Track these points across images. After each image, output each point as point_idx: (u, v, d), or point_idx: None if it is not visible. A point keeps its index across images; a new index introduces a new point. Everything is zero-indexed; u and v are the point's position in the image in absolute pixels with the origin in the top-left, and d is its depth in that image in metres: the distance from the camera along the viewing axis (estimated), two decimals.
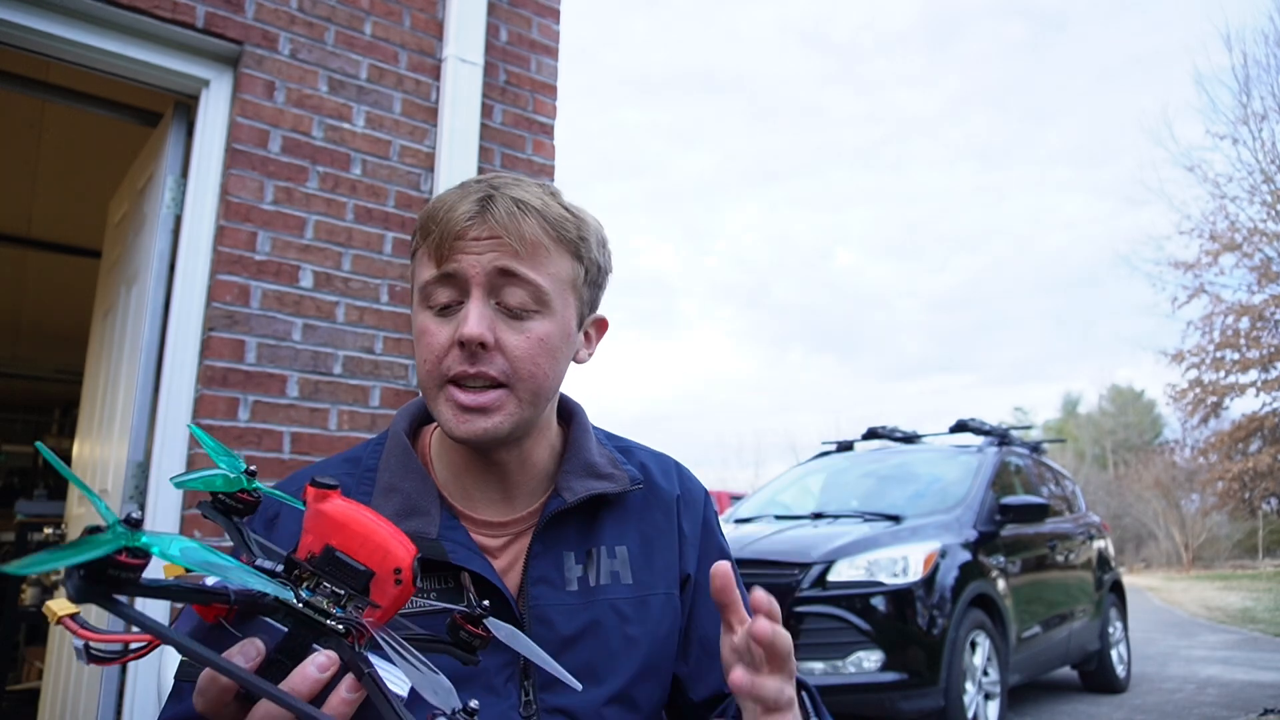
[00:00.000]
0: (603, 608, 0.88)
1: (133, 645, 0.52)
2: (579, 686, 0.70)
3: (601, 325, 0.96)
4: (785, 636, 0.69)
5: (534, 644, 0.67)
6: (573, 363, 0.91)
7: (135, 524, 0.46)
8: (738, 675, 0.69)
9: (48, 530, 3.25)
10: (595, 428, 1.00)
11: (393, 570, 0.55)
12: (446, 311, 0.83)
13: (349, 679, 0.52)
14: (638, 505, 0.95)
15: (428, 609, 0.65)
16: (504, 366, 0.82)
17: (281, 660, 0.52)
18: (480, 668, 0.80)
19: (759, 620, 0.67)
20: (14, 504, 5.23)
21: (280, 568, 0.55)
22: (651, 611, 0.91)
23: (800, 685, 0.80)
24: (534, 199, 0.84)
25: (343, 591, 0.54)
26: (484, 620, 0.61)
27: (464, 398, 0.81)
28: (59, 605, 0.48)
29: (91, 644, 0.50)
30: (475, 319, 0.80)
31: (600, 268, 0.92)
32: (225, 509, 0.58)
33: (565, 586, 0.88)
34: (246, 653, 0.51)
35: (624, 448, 1.01)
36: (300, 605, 0.52)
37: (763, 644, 0.67)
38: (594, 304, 0.93)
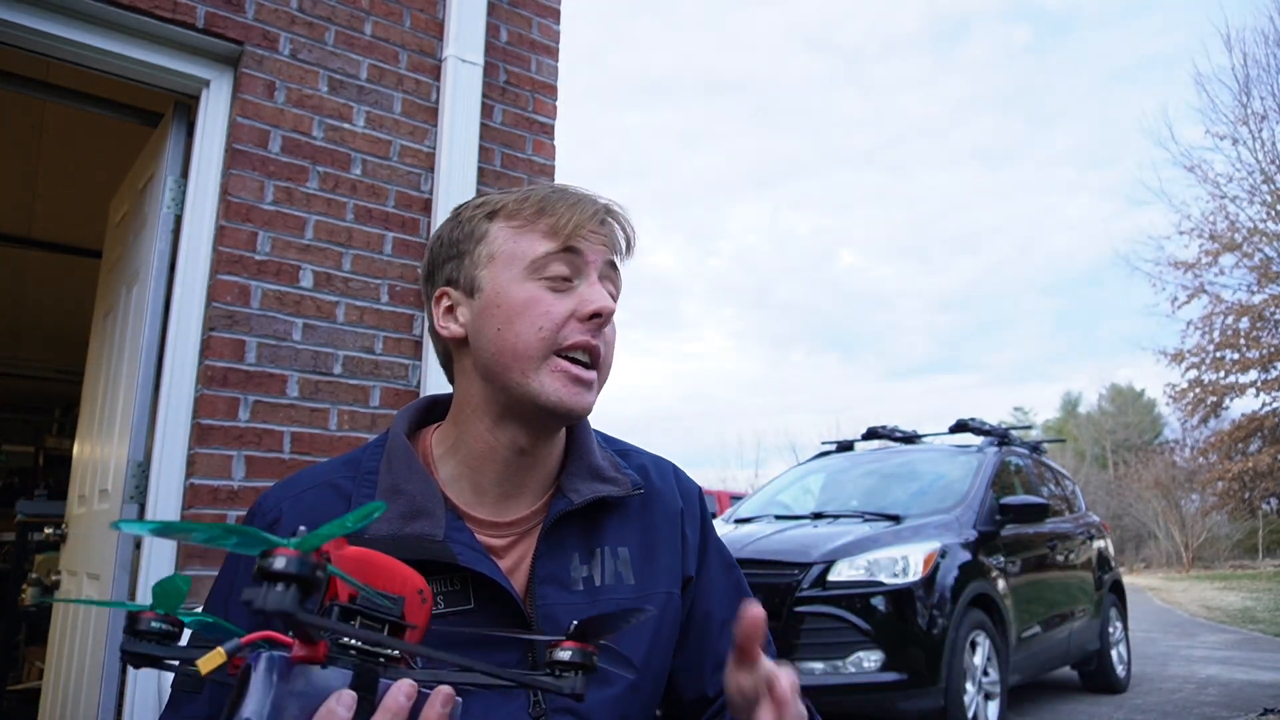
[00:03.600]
0: (607, 608, 0.88)
1: None
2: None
3: None
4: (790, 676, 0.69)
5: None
6: None
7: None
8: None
9: (48, 530, 3.24)
10: (595, 430, 1.01)
11: (416, 591, 0.60)
12: (562, 286, 0.87)
13: (443, 693, 0.55)
14: (637, 508, 0.96)
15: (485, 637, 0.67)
16: (605, 350, 0.89)
17: (364, 696, 0.54)
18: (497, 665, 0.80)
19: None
20: (14, 504, 5.23)
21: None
22: (652, 611, 0.91)
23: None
24: (631, 220, 0.94)
25: (379, 624, 0.57)
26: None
27: (579, 371, 0.86)
28: None
29: None
30: (606, 294, 0.88)
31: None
32: (162, 636, 0.55)
33: (572, 586, 0.88)
34: (345, 702, 0.53)
35: (622, 451, 1.02)
36: (364, 647, 0.55)
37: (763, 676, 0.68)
38: None
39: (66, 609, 2.76)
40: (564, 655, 0.58)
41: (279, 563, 0.47)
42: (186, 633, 0.58)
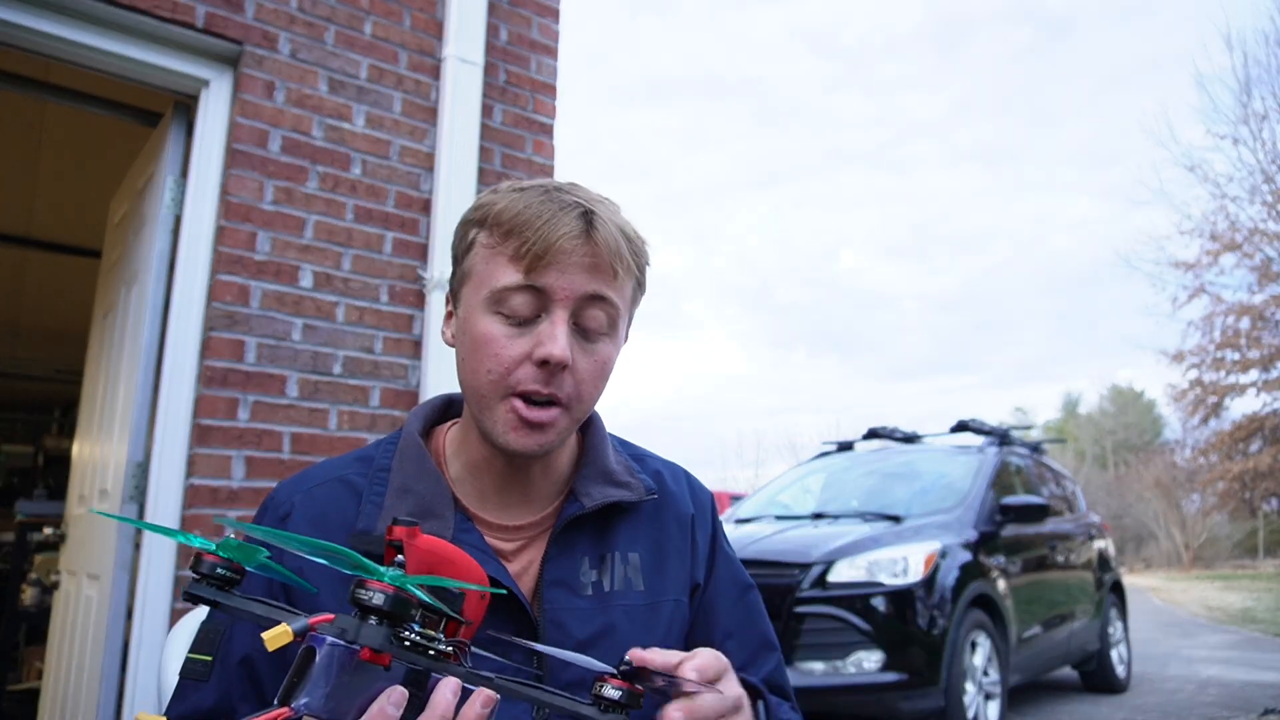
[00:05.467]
0: (616, 613, 0.88)
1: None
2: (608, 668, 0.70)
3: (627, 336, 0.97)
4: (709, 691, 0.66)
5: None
6: None
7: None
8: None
9: (48, 530, 3.24)
10: (610, 434, 1.00)
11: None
12: (522, 323, 0.81)
13: (484, 694, 0.56)
14: (650, 513, 0.95)
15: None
16: (571, 390, 0.82)
17: (414, 693, 0.55)
18: (496, 668, 0.79)
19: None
20: (14, 504, 5.23)
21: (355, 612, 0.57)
22: (662, 618, 0.91)
23: (754, 692, 0.81)
24: (625, 224, 0.85)
25: (438, 617, 0.58)
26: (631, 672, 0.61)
27: (529, 413, 0.81)
28: (150, 718, 0.50)
29: None
30: (564, 341, 0.80)
31: (645, 289, 0.93)
32: (224, 582, 0.55)
33: (581, 591, 0.87)
34: (396, 700, 0.54)
35: (637, 455, 1.01)
36: (419, 640, 0.55)
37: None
38: (633, 319, 0.94)
39: (66, 612, 2.76)
40: (613, 694, 0.59)
41: (376, 598, 0.50)
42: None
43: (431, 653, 0.55)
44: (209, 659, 0.79)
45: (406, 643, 0.54)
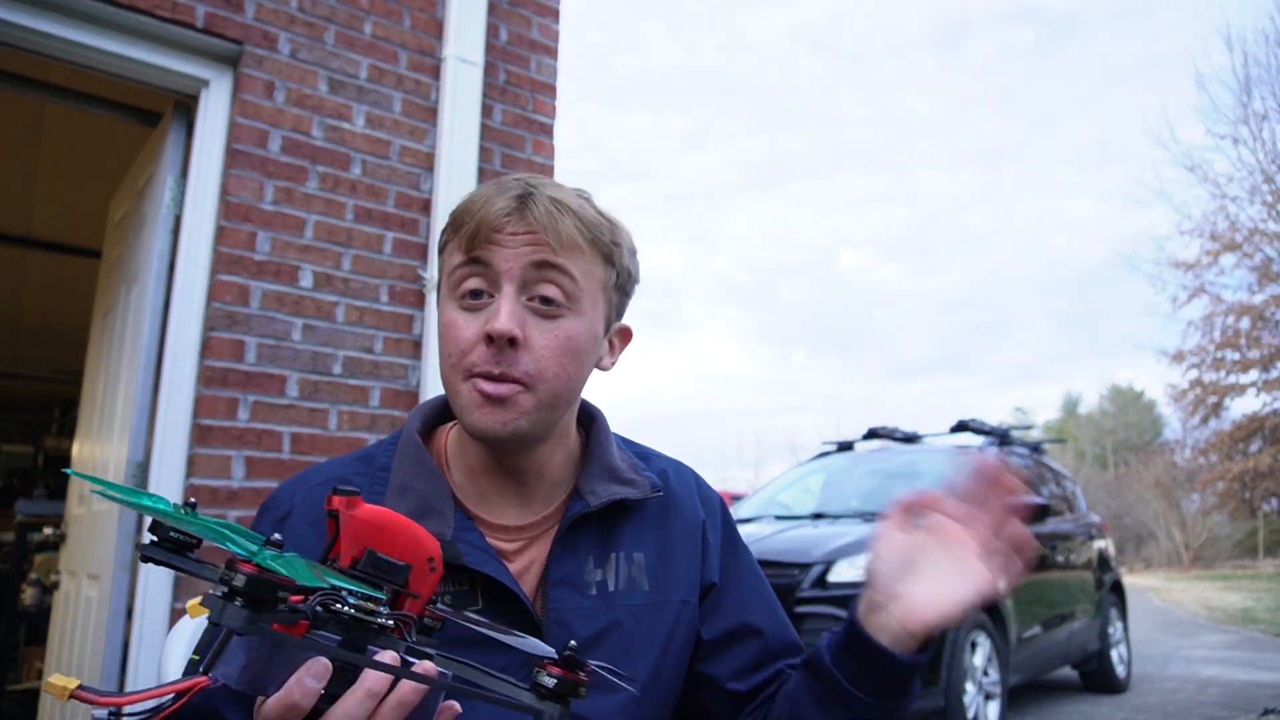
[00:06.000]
0: (620, 613, 0.87)
1: (164, 699, 0.50)
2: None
3: (626, 334, 0.95)
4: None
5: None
6: (596, 369, 0.91)
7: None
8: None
9: (48, 530, 3.25)
10: (614, 434, 0.99)
11: (426, 560, 0.59)
12: (476, 304, 0.82)
13: (423, 665, 0.55)
14: (655, 512, 0.95)
15: (482, 631, 0.65)
16: (528, 367, 0.81)
17: (344, 667, 0.54)
18: (497, 668, 0.79)
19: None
20: (14, 504, 5.23)
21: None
22: (666, 618, 0.90)
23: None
24: (570, 200, 0.84)
25: (379, 590, 0.56)
26: (577, 659, 0.58)
27: (488, 387, 0.80)
28: (63, 680, 0.48)
29: (116, 709, 0.49)
30: (506, 314, 0.79)
31: (630, 275, 0.91)
32: (178, 547, 0.54)
33: (585, 591, 0.87)
34: (316, 672, 0.52)
35: (642, 454, 1.01)
36: (353, 611, 0.54)
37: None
38: (621, 311, 0.93)
39: (66, 612, 2.76)
40: (548, 682, 0.56)
41: (237, 579, 0.48)
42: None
43: (376, 626, 0.54)
44: (199, 658, 0.79)
45: (346, 616, 0.52)
